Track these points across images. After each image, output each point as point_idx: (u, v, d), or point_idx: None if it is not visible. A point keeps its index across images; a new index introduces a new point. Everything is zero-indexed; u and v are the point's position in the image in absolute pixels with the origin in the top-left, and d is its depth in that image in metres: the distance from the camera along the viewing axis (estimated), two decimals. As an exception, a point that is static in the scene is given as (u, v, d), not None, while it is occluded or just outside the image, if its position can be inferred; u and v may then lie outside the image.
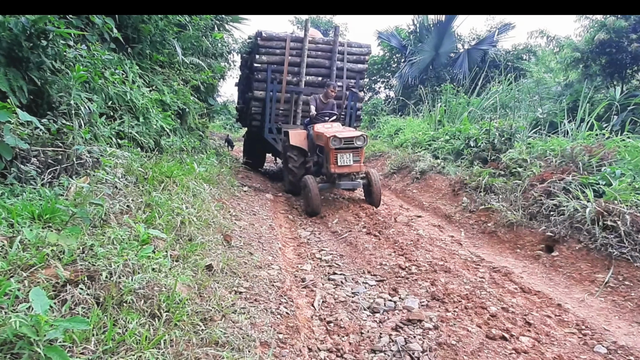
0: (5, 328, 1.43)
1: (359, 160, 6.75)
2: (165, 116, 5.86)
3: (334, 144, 6.54)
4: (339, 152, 6.61)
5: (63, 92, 4.01)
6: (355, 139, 6.66)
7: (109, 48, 5.36)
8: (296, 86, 10.28)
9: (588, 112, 8.91)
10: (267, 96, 10.10)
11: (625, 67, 11.45)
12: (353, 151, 6.67)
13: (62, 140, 3.73)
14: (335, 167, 6.64)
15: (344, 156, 6.62)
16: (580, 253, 4.80)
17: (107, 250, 2.29)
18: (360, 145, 6.71)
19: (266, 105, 10.13)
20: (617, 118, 9.23)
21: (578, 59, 11.95)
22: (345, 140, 6.61)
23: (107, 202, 2.90)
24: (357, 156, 6.73)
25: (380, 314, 3.48)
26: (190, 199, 4.33)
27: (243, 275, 3.46)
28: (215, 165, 7.81)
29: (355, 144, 6.66)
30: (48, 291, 1.84)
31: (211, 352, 2.06)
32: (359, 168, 6.77)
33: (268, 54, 9.97)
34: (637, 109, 9.18)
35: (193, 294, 2.56)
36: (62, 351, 1.44)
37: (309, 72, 10.36)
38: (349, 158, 6.65)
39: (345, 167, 6.67)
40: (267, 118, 10.14)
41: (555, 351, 2.94)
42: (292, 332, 2.85)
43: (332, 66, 10.38)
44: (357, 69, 10.74)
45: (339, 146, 6.58)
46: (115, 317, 1.91)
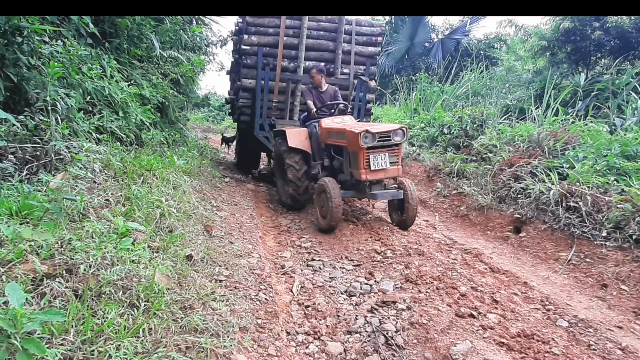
0: (-18, 322, 1.43)
1: (397, 162, 5.18)
2: (144, 110, 5.79)
3: (365, 141, 4.90)
4: (372, 151, 4.99)
5: (39, 88, 3.94)
6: (393, 133, 5.02)
7: (85, 43, 5.26)
8: (293, 73, 8.22)
9: (554, 98, 9.08)
10: (257, 85, 8.08)
11: (589, 54, 11.66)
12: (389, 150, 5.09)
13: (40, 137, 3.68)
14: (367, 172, 5.01)
15: (379, 157, 5.02)
16: (545, 233, 4.93)
17: (85, 244, 2.28)
18: (399, 142, 5.11)
19: (257, 96, 8.11)
20: (581, 103, 9.42)
21: (545, 47, 12.12)
22: (381, 136, 4.98)
23: (85, 196, 2.88)
24: (395, 156, 5.14)
25: (357, 297, 3.54)
26: (171, 192, 4.31)
27: (223, 264, 3.48)
28: (196, 158, 7.77)
29: (392, 140, 5.04)
30: (26, 285, 1.84)
31: (190, 338, 2.08)
32: (397, 172, 5.19)
33: (259, 34, 7.97)
34: (600, 95, 9.37)
35: (172, 283, 2.57)
36: (39, 342, 1.44)
37: (309, 57, 8.28)
38: (385, 159, 5.04)
39: (380, 171, 5.06)
40: (257, 112, 8.14)
41: (520, 326, 3.03)
42: (270, 317, 2.89)
43: (338, 49, 8.29)
44: (368, 52, 8.60)
45: (372, 144, 4.94)
46: (94, 308, 1.92)
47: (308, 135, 6.36)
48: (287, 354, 2.56)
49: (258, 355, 2.37)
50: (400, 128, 5.09)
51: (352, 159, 5.25)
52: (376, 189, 5.29)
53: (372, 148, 4.98)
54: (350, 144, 5.14)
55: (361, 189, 5.38)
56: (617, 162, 5.41)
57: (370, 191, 5.27)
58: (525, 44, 15.05)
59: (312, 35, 8.24)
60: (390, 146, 5.08)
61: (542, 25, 13.55)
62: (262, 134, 8.25)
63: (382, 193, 5.30)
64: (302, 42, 8.09)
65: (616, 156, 5.56)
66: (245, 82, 8.24)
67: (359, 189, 5.44)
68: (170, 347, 1.91)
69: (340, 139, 5.43)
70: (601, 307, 3.63)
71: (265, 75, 8.04)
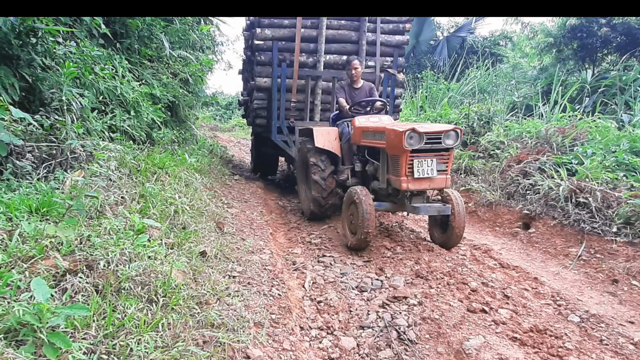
0: (10, 317, 1.45)
1: (446, 171, 4.24)
2: (155, 109, 5.81)
3: (410, 142, 4.00)
4: (417, 156, 4.10)
5: (54, 88, 3.97)
6: (444, 135, 4.08)
7: (97, 44, 5.28)
8: (313, 69, 7.26)
9: (561, 95, 9.01)
10: (273, 84, 7.15)
11: (596, 50, 11.55)
12: (438, 155, 4.16)
13: (56, 136, 3.70)
14: (409, 179, 4.11)
15: (425, 163, 4.12)
16: (554, 229, 4.90)
17: (103, 241, 2.30)
18: (451, 146, 4.15)
19: (273, 96, 7.19)
20: (588, 100, 9.34)
21: (551, 43, 12.02)
22: (430, 137, 4.04)
23: (102, 194, 2.90)
24: (444, 163, 4.22)
25: (368, 293, 3.54)
26: (183, 189, 4.34)
27: (236, 260, 3.49)
28: (206, 156, 7.80)
29: (443, 143, 4.10)
30: (48, 281, 1.85)
31: (207, 333, 2.09)
32: (445, 182, 4.25)
33: (273, 26, 7.11)
34: (607, 91, 9.29)
35: (188, 279, 2.58)
36: (65, 336, 1.46)
37: (330, 50, 7.31)
38: (432, 166, 4.13)
39: (425, 180, 4.16)
40: (274, 114, 7.22)
41: (532, 321, 3.02)
42: (284, 312, 2.90)
43: (361, 40, 7.30)
44: (395, 41, 7.56)
45: (419, 147, 4.02)
46: (114, 303, 1.93)
47: (338, 135, 5.58)
48: (301, 348, 2.57)
49: (273, 349, 2.37)
50: (454, 129, 4.09)
51: (391, 163, 4.34)
52: (417, 201, 4.37)
53: (418, 151, 4.06)
54: (391, 146, 4.25)
55: (399, 200, 4.54)
56: (626, 158, 5.37)
57: (411, 203, 4.34)
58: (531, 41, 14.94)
59: (332, 26, 7.27)
60: (439, 150, 4.15)
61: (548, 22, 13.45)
62: (280, 138, 7.31)
63: (426, 207, 4.28)
64: (321, 33, 7.15)
65: (625, 152, 5.52)
66: (260, 81, 7.32)
67: (396, 201, 4.60)
68: (188, 341, 1.92)
69: (378, 140, 4.54)
70: (612, 303, 3.61)
71: (282, 73, 7.11)
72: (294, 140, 7.14)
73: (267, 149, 8.41)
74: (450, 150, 4.19)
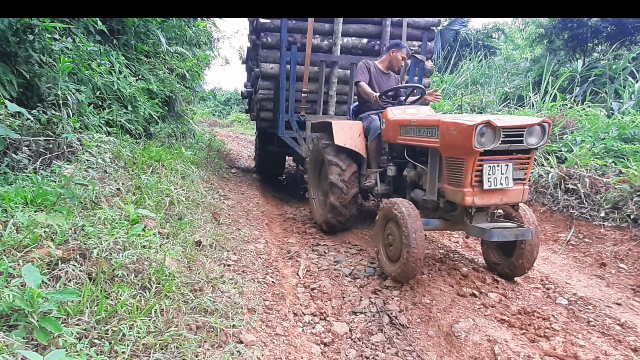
0: (1, 302, 1.45)
1: (525, 180, 3.11)
2: (152, 104, 5.79)
3: (481, 141, 2.86)
4: (489, 159, 2.96)
5: (51, 83, 3.96)
6: (528, 131, 2.93)
7: (94, 40, 5.25)
8: (328, 53, 6.10)
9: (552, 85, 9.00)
10: (282, 71, 5.97)
11: (587, 40, 11.52)
12: (516, 159, 3.02)
13: (53, 130, 3.70)
14: (475, 191, 3.00)
15: (498, 168, 2.99)
16: (544, 215, 4.91)
17: (97, 230, 2.30)
18: (534, 146, 2.99)
19: (281, 85, 6.02)
20: (579, 89, 9.34)
21: (542, 34, 12.00)
22: (509, 133, 2.90)
23: (97, 185, 2.89)
24: (524, 169, 3.08)
25: (361, 280, 3.55)
26: (179, 181, 4.33)
27: (231, 249, 3.49)
28: (203, 150, 7.79)
29: (525, 142, 2.94)
30: (42, 269, 1.85)
31: (200, 318, 2.10)
32: (522, 196, 3.11)
33: None
34: (597, 80, 9.28)
35: (183, 267, 2.58)
36: (56, 321, 1.46)
37: (348, 31, 6.17)
38: (507, 173, 3.01)
39: (497, 192, 3.03)
40: (282, 106, 6.07)
41: (520, 304, 3.03)
42: (278, 299, 2.91)
43: (385, 20, 6.13)
44: (424, 22, 6.33)
45: (493, 147, 2.88)
46: (107, 290, 1.93)
47: (363, 131, 4.53)
48: (294, 333, 2.57)
49: (266, 335, 2.38)
50: (541, 123, 2.91)
51: (447, 169, 3.18)
52: (481, 220, 3.21)
53: (490, 153, 2.91)
54: (450, 145, 3.10)
55: (455, 217, 3.38)
56: (615, 144, 5.37)
57: (472, 223, 3.17)
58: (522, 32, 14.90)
59: None
60: (517, 152, 3.00)
61: (539, 13, 13.38)
62: (288, 135, 6.21)
63: (500, 231, 3.02)
64: None
65: (614, 139, 5.52)
66: (266, 67, 6.12)
67: (449, 218, 3.45)
68: (181, 326, 1.93)
69: (425, 137, 3.44)
70: (600, 285, 3.62)
71: (292, 57, 5.91)
72: (304, 137, 6.06)
73: (272, 147, 7.30)
74: (531, 151, 3.04)
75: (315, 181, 5.20)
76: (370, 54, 6.14)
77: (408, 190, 3.95)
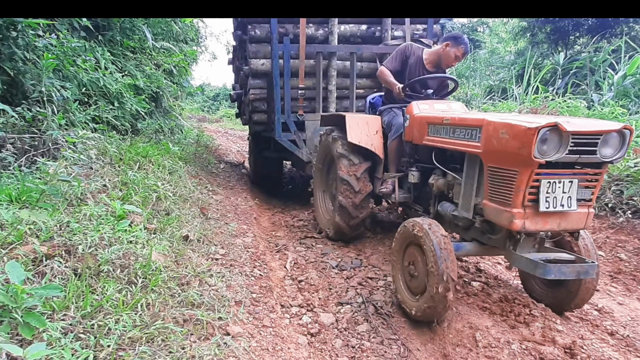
0: (-17, 299, 1.45)
1: (591, 200, 2.39)
2: (139, 100, 5.74)
3: (544, 150, 2.17)
4: (551, 173, 2.27)
5: (35, 80, 3.91)
6: (604, 139, 2.22)
7: (79, 36, 5.19)
8: (324, 44, 5.51)
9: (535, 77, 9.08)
10: (274, 66, 5.28)
11: (568, 34, 11.62)
12: (584, 174, 2.33)
13: (38, 127, 3.66)
14: (527, 213, 2.31)
15: (560, 186, 2.28)
16: (527, 205, 4.97)
17: (83, 226, 2.29)
18: (609, 159, 2.26)
19: (274, 83, 5.32)
20: (561, 81, 9.43)
21: (525, 28, 12.09)
22: (580, 140, 2.18)
23: (82, 182, 2.88)
24: (592, 187, 2.37)
25: (348, 271, 3.57)
26: (167, 177, 4.31)
27: (219, 243, 3.49)
28: (192, 145, 7.75)
29: (599, 154, 2.23)
30: (27, 266, 1.84)
31: (187, 312, 2.10)
32: (586, 220, 2.40)
33: None
34: (578, 72, 9.39)
35: (170, 262, 2.58)
36: (40, 316, 1.46)
37: (345, 19, 5.56)
38: (570, 192, 2.30)
39: (555, 215, 2.34)
40: (277, 106, 5.38)
41: (502, 292, 3.08)
42: (265, 291, 2.92)
43: None
44: None
45: (557, 157, 2.18)
46: (93, 285, 1.93)
47: (382, 127, 3.94)
48: (281, 325, 2.59)
49: (253, 326, 2.40)
50: (621, 130, 2.22)
51: (491, 181, 2.48)
52: (527, 247, 2.55)
53: (552, 166, 2.24)
54: (497, 152, 2.41)
55: (495, 242, 2.70)
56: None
57: (517, 251, 2.51)
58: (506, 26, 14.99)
59: None
60: (586, 166, 2.32)
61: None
62: (286, 137, 5.50)
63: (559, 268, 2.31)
64: None
65: (593, 130, 5.59)
66: (256, 64, 5.46)
67: (487, 241, 2.77)
68: (167, 319, 1.94)
69: (462, 140, 2.74)
70: (579, 272, 3.68)
71: (284, 50, 5.21)
72: (304, 139, 5.45)
73: (269, 152, 6.51)
74: (604, 166, 2.34)
75: (322, 183, 4.62)
76: (371, 43, 5.61)
77: (433, 201, 3.26)
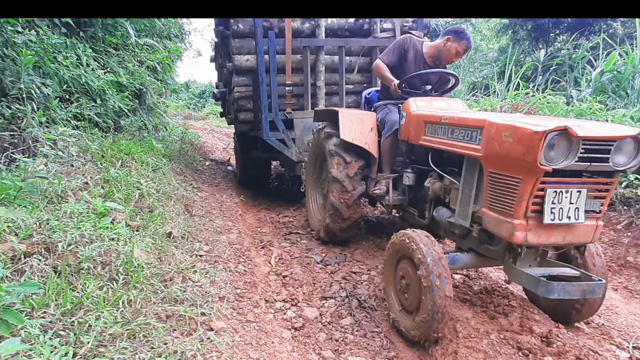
0: (-40, 297, 1.42)
1: (600, 212, 2.15)
2: (122, 97, 5.67)
3: (551, 156, 1.94)
4: (557, 182, 2.04)
5: (14, 77, 3.84)
6: (617, 145, 1.98)
7: (60, 32, 5.10)
8: (311, 38, 5.28)
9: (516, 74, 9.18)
10: (259, 62, 4.99)
11: (549, 31, 11.76)
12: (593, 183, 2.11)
13: (17, 125, 3.60)
14: (532, 225, 2.08)
15: (567, 196, 2.05)
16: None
17: (63, 224, 2.26)
18: (622, 168, 2.02)
19: (260, 79, 5.02)
20: (541, 78, 9.56)
21: (507, 25, 12.19)
22: (592, 146, 1.95)
23: (63, 179, 2.84)
24: (601, 197, 2.14)
25: (332, 266, 3.59)
26: (150, 174, 4.27)
27: (203, 240, 3.48)
28: (176, 142, 7.69)
29: (611, 162, 1.99)
30: (5, 264, 1.82)
31: (170, 308, 2.10)
32: (593, 234, 2.16)
33: None
34: (558, 69, 9.51)
35: (152, 259, 2.57)
36: (18, 313, 1.44)
37: None
38: (578, 203, 2.07)
39: (561, 228, 2.11)
40: (263, 104, 5.11)
41: (482, 284, 3.13)
42: (249, 287, 2.92)
43: None
44: None
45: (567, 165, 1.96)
46: (73, 283, 1.91)
47: (376, 125, 3.74)
48: (265, 319, 2.60)
49: (237, 321, 2.40)
50: (636, 136, 1.98)
51: (491, 188, 2.26)
52: (527, 261, 2.35)
53: (558, 174, 2.04)
54: (499, 156, 2.19)
55: (494, 253, 2.48)
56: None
57: (517, 265, 2.31)
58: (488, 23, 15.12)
59: None
60: (596, 174, 2.13)
61: (504, 4, 13.58)
62: (274, 137, 5.24)
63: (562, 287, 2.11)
64: None
65: (572, 125, 5.67)
66: (240, 60, 5.20)
67: (485, 252, 2.56)
68: (149, 316, 1.93)
69: (461, 141, 2.52)
70: (558, 264, 3.75)
71: (270, 45, 4.97)
72: (293, 138, 5.24)
73: (257, 152, 6.16)
74: (615, 175, 2.12)
75: (314, 181, 4.47)
76: (360, 36, 5.45)
77: (429, 206, 3.10)
